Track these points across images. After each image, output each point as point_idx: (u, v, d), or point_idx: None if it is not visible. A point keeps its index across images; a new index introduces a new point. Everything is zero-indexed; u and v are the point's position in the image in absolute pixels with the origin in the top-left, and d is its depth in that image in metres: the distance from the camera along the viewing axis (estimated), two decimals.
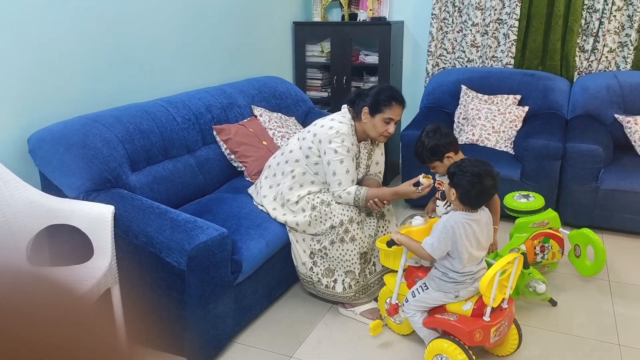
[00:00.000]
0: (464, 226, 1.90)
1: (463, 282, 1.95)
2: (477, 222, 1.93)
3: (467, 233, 1.90)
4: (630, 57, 3.63)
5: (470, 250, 1.91)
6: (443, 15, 4.03)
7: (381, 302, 2.29)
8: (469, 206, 1.92)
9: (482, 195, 1.91)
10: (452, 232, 1.89)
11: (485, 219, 1.97)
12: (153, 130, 2.48)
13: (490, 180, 1.89)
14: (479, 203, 1.93)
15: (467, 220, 1.91)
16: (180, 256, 1.90)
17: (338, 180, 2.24)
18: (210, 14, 3.24)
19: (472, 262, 1.94)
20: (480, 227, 1.93)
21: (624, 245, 3.07)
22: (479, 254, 1.96)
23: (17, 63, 2.17)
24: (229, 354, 2.15)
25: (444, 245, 1.90)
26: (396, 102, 2.27)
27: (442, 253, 1.91)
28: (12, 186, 2.01)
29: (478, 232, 1.92)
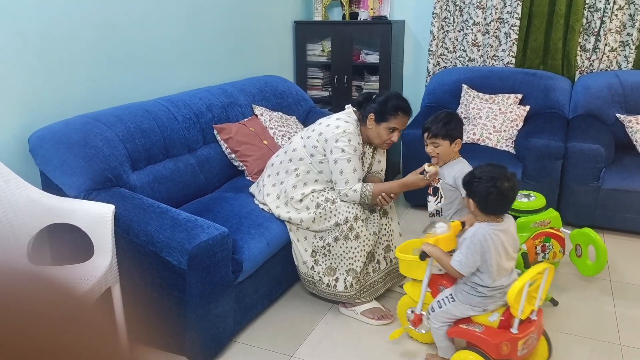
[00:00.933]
0: (492, 238, 1.79)
1: (492, 297, 1.86)
2: (505, 231, 1.82)
3: (496, 245, 1.79)
4: (631, 56, 3.62)
5: (500, 262, 1.81)
6: (444, 15, 4.03)
7: (401, 311, 2.19)
8: (492, 214, 1.81)
9: (502, 200, 1.80)
10: (480, 246, 1.78)
11: (512, 227, 1.87)
12: (154, 130, 2.47)
13: (506, 182, 1.77)
14: (501, 209, 1.83)
15: (494, 231, 1.79)
16: (181, 255, 1.90)
17: (345, 179, 2.24)
18: (211, 13, 3.24)
19: (502, 275, 1.83)
20: (508, 237, 1.83)
21: (625, 245, 3.06)
22: (508, 264, 1.85)
23: (17, 62, 2.17)
24: (230, 353, 2.14)
25: (472, 261, 1.79)
26: (402, 112, 2.27)
27: (472, 269, 1.81)
28: (13, 185, 2.01)
29: (506, 242, 1.81)
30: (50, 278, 0.37)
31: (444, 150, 2.20)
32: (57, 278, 0.38)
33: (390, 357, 2.13)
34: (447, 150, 2.20)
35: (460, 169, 2.19)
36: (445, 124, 2.19)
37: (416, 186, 2.23)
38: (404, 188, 2.28)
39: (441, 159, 2.22)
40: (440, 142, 2.20)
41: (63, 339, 0.33)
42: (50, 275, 0.37)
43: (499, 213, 1.83)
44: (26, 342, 0.32)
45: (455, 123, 2.22)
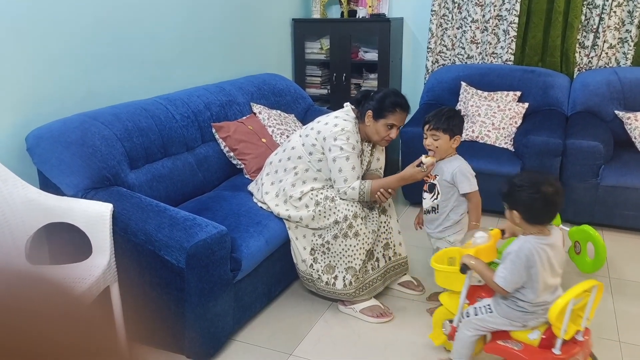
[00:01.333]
0: (539, 253, 1.67)
1: (534, 313, 1.74)
2: (552, 246, 1.70)
3: (543, 260, 1.68)
4: (630, 53, 3.62)
5: (545, 278, 1.70)
6: (443, 12, 4.02)
7: (437, 322, 2.10)
8: (539, 224, 1.69)
9: (548, 207, 1.67)
10: (527, 261, 1.67)
11: (560, 241, 1.75)
12: (152, 128, 2.47)
13: (550, 187, 1.66)
14: (548, 217, 1.70)
15: (541, 246, 1.68)
16: (180, 254, 1.90)
17: (344, 177, 2.24)
18: (209, 11, 3.23)
19: (546, 291, 1.72)
20: (555, 252, 1.71)
21: (624, 242, 3.06)
22: (553, 280, 1.74)
23: (15, 61, 2.17)
24: (229, 351, 2.14)
25: (517, 277, 1.68)
26: (400, 108, 2.27)
27: (517, 285, 1.71)
28: (10, 184, 2.01)
29: (553, 258, 1.71)
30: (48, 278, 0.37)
31: (443, 144, 2.19)
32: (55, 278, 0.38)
33: (390, 355, 2.13)
34: (445, 145, 2.19)
35: (458, 165, 2.18)
36: (448, 119, 2.18)
37: (414, 179, 2.22)
38: (402, 182, 2.27)
39: (438, 153, 2.21)
40: (440, 135, 2.18)
41: (61, 339, 0.33)
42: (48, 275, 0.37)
43: (547, 222, 1.71)
44: (24, 341, 0.32)
45: (457, 119, 2.21)
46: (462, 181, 2.16)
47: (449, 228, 2.26)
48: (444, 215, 2.25)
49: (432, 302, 2.46)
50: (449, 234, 2.26)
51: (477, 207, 2.21)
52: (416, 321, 2.34)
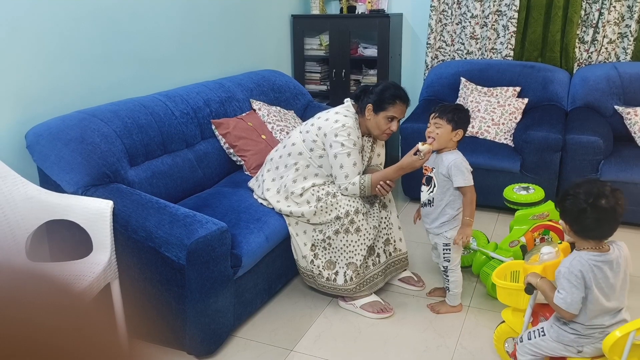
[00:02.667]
0: (593, 271, 1.54)
1: (589, 337, 1.61)
2: (610, 263, 1.55)
3: (598, 280, 1.55)
4: (630, 48, 3.62)
5: (601, 301, 1.56)
6: (442, 7, 4.01)
7: (498, 341, 1.99)
8: (591, 239, 1.57)
9: (602, 221, 1.54)
10: (582, 278, 1.55)
11: (623, 258, 1.59)
12: (151, 125, 2.47)
13: (604, 200, 1.53)
14: (601, 232, 1.57)
15: (595, 263, 1.55)
16: (180, 251, 1.90)
17: (345, 173, 2.24)
18: (208, 7, 3.22)
19: (603, 314, 1.59)
20: (614, 271, 1.56)
21: (624, 237, 3.04)
22: (611, 304, 1.58)
23: (14, 58, 2.16)
24: (230, 348, 2.15)
25: (577, 296, 1.55)
26: (400, 100, 2.27)
27: (580, 305, 1.57)
28: (10, 182, 2.00)
29: (612, 278, 1.55)
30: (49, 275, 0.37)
31: (443, 134, 2.17)
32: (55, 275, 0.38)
33: (390, 351, 2.13)
34: (446, 135, 2.17)
35: (454, 159, 2.17)
36: (454, 110, 2.19)
37: (413, 167, 2.21)
38: (401, 171, 2.26)
39: (437, 142, 2.18)
40: (442, 124, 2.17)
41: (62, 336, 0.33)
42: (48, 273, 0.37)
43: (600, 237, 1.57)
44: (25, 339, 0.32)
45: (464, 114, 2.21)
46: (456, 174, 2.16)
47: (445, 223, 2.25)
48: (440, 209, 2.24)
49: (433, 298, 2.47)
50: (446, 229, 2.25)
51: (472, 202, 2.20)
52: (416, 317, 2.34)
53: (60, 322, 0.34)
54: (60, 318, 0.34)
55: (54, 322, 0.34)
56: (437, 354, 2.10)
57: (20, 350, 0.31)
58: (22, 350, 0.31)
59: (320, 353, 2.12)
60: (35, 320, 0.33)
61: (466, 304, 2.41)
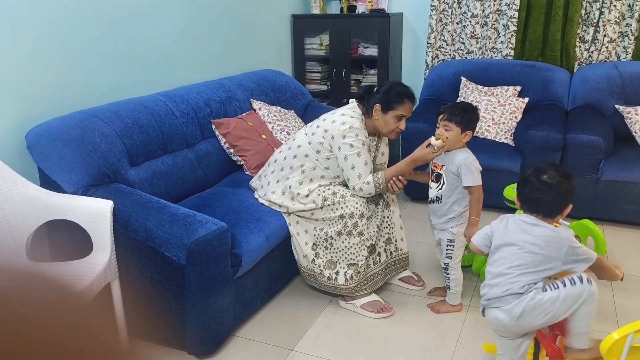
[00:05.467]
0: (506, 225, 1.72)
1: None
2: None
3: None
4: (630, 47, 3.61)
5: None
6: (442, 7, 4.01)
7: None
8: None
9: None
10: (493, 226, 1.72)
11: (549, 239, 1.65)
12: (152, 125, 2.47)
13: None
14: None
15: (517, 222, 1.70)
16: (180, 250, 1.90)
17: (358, 173, 2.24)
18: (208, 7, 3.22)
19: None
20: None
21: (624, 236, 3.06)
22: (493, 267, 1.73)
23: (14, 58, 2.16)
24: (230, 347, 2.15)
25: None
26: (408, 98, 2.28)
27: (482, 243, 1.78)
28: (10, 182, 2.01)
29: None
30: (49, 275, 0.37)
31: (453, 136, 2.19)
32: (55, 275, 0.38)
33: (390, 350, 2.13)
34: (455, 138, 2.19)
35: (464, 157, 2.19)
36: (463, 112, 2.19)
37: (425, 160, 2.22)
38: (413, 164, 2.25)
39: (447, 145, 2.20)
40: (451, 127, 2.18)
41: (62, 336, 0.33)
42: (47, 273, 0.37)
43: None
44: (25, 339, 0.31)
45: (472, 114, 2.22)
46: (466, 173, 2.17)
47: (452, 220, 2.26)
48: (447, 206, 2.25)
49: (433, 297, 2.47)
50: (452, 225, 2.27)
51: (478, 201, 2.22)
52: (417, 316, 2.34)
53: (60, 321, 0.34)
54: (60, 317, 0.34)
55: (54, 321, 0.34)
56: (437, 354, 2.10)
57: (20, 349, 0.31)
58: (22, 349, 0.31)
59: (320, 353, 2.12)
60: (35, 319, 0.33)
61: (466, 304, 2.41)
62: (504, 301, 1.64)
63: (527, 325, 1.66)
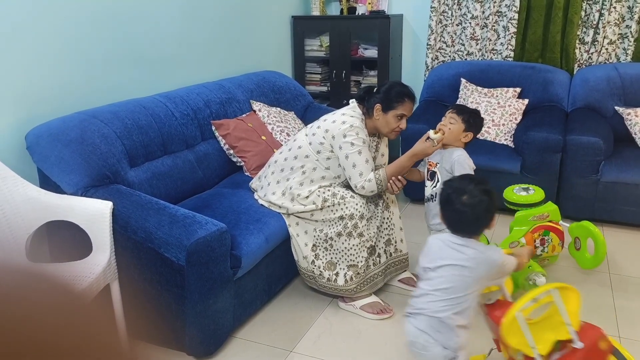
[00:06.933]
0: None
1: None
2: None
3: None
4: (630, 48, 3.61)
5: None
6: (442, 8, 4.01)
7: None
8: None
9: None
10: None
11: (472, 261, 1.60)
12: (151, 126, 2.47)
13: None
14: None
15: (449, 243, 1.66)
16: (179, 251, 1.90)
17: (359, 171, 2.25)
18: (208, 8, 3.23)
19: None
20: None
21: (624, 237, 3.06)
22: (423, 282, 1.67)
23: (14, 59, 2.17)
24: (229, 348, 2.15)
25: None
26: (408, 98, 2.29)
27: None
28: (10, 183, 2.01)
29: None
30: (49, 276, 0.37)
31: (455, 130, 2.23)
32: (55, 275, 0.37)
33: (390, 352, 2.13)
34: (457, 132, 2.23)
35: (458, 155, 2.21)
36: (472, 113, 2.26)
37: (425, 154, 2.24)
38: (414, 158, 2.26)
39: (447, 137, 2.23)
40: (457, 120, 2.23)
41: (62, 336, 0.33)
42: (48, 273, 0.37)
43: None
44: (24, 340, 0.31)
45: (479, 119, 2.28)
46: (459, 170, 2.19)
47: None
48: None
49: None
50: None
51: None
52: None
53: (60, 321, 0.34)
54: (60, 317, 0.34)
55: (54, 321, 0.34)
56: None
57: (20, 349, 0.31)
58: (22, 349, 0.31)
59: (320, 354, 2.12)
60: (35, 319, 0.33)
61: None
62: (425, 321, 1.61)
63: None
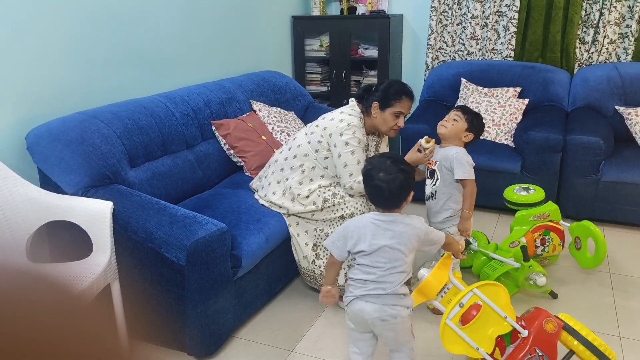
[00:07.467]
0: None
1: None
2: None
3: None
4: (630, 48, 3.61)
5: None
6: (442, 8, 4.01)
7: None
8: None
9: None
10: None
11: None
12: (151, 126, 2.47)
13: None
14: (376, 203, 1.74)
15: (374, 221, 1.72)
16: (180, 252, 1.90)
17: (349, 171, 2.25)
18: (208, 8, 3.23)
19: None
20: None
21: (624, 237, 3.06)
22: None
23: (14, 59, 2.17)
24: (230, 348, 2.15)
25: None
26: (406, 95, 2.29)
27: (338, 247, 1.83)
28: (10, 183, 2.01)
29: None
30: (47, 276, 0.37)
31: (457, 127, 2.25)
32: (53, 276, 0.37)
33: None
34: (458, 130, 2.25)
35: (456, 152, 2.23)
36: (476, 114, 2.29)
37: (419, 162, 2.25)
38: None
39: (447, 134, 2.26)
40: (460, 119, 2.25)
41: (61, 336, 0.33)
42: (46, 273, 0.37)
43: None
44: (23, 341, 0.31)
45: (482, 122, 2.31)
46: (458, 167, 2.20)
47: (449, 219, 2.28)
48: (442, 202, 2.27)
49: None
50: (450, 225, 2.28)
51: (471, 195, 2.23)
52: (416, 317, 2.34)
53: (59, 322, 0.34)
54: (59, 318, 0.34)
55: (53, 322, 0.33)
56: (438, 355, 2.10)
57: (19, 350, 0.31)
58: (21, 350, 0.31)
59: (320, 354, 2.12)
60: (33, 320, 0.33)
61: None
62: (383, 299, 1.72)
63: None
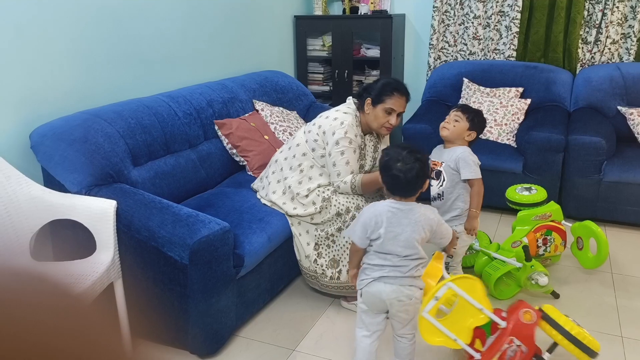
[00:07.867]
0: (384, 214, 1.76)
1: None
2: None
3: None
4: (633, 48, 3.61)
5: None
6: (445, 8, 4.01)
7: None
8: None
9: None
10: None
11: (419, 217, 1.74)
12: (154, 125, 2.48)
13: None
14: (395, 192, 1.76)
15: (390, 209, 1.75)
16: (183, 250, 1.91)
17: (337, 171, 2.26)
18: (211, 8, 3.23)
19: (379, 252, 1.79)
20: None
21: (626, 237, 3.06)
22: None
23: (18, 59, 2.17)
24: (232, 347, 2.15)
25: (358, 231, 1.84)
26: (398, 92, 2.26)
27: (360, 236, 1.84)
28: (14, 182, 2.02)
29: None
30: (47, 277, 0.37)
31: (459, 128, 2.25)
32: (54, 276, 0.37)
33: (391, 351, 2.13)
34: (460, 130, 2.25)
35: (461, 151, 2.23)
36: (476, 113, 2.29)
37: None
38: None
39: (451, 135, 2.26)
40: (462, 119, 2.25)
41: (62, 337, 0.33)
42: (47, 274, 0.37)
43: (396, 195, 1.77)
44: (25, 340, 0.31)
45: (483, 119, 2.31)
46: (464, 167, 2.20)
47: (457, 217, 2.28)
48: (450, 202, 2.27)
49: None
50: (457, 223, 2.28)
51: (479, 194, 2.24)
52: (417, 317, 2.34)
53: (60, 323, 0.34)
54: (60, 319, 0.34)
55: (54, 323, 0.33)
56: (439, 354, 2.10)
57: (20, 351, 0.31)
58: (22, 351, 0.31)
59: (322, 353, 2.12)
60: (35, 320, 0.33)
61: None
62: (400, 280, 1.74)
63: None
